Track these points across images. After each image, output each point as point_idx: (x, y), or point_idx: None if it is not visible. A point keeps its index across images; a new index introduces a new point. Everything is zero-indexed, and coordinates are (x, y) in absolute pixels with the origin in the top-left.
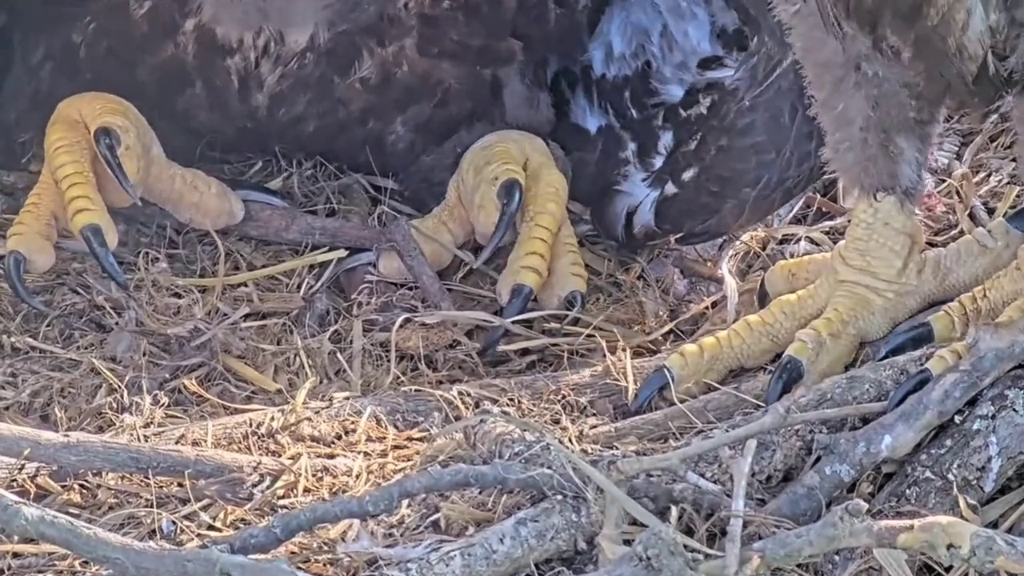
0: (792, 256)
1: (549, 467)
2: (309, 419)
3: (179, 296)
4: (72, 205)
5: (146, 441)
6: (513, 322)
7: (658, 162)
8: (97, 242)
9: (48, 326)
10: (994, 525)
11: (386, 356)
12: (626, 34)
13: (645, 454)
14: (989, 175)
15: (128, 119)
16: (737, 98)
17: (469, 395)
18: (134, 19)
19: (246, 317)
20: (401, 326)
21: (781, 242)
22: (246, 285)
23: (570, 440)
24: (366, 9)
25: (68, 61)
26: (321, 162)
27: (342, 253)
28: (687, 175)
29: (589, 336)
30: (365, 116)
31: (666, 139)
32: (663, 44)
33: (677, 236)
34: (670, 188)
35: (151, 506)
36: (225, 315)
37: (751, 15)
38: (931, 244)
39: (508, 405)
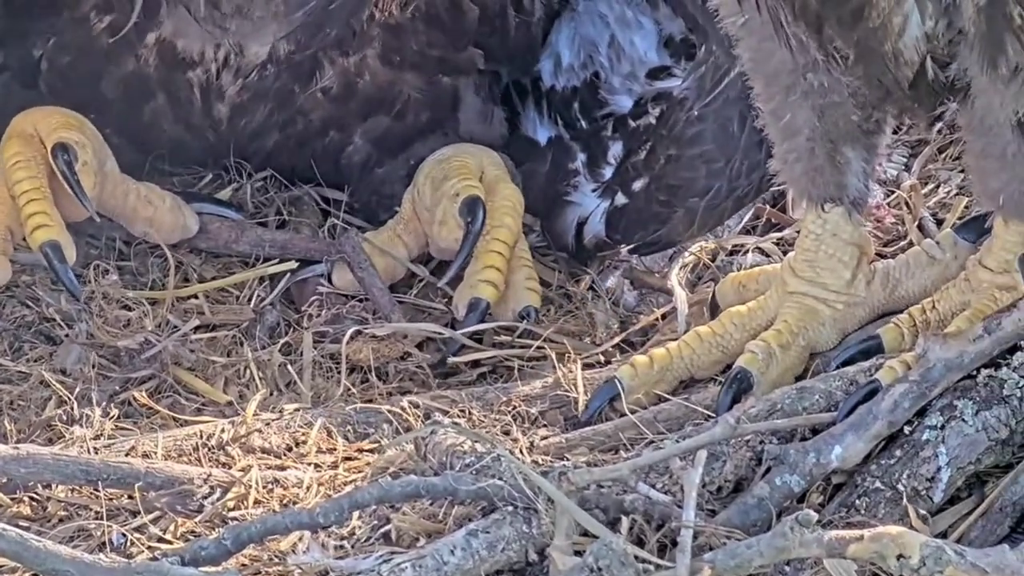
0: (741, 267)
1: (500, 478)
2: (259, 431)
3: (129, 308)
4: (31, 221)
5: (96, 453)
6: (463, 334)
7: (608, 172)
8: (56, 258)
9: None
10: (944, 535)
11: (336, 368)
12: (574, 45)
13: (596, 465)
14: (938, 186)
15: (84, 134)
16: (686, 108)
17: (419, 407)
18: (95, 33)
19: (196, 329)
20: (352, 338)
21: (731, 253)
22: (196, 297)
23: (521, 451)
24: (328, 33)
25: (27, 72)
26: (271, 174)
27: (293, 265)
28: (637, 185)
29: (539, 348)
30: (325, 127)
31: (615, 149)
32: (611, 55)
33: (628, 247)
34: (620, 198)
35: (101, 518)
36: (175, 327)
37: (699, 24)
38: (880, 255)
39: (459, 416)
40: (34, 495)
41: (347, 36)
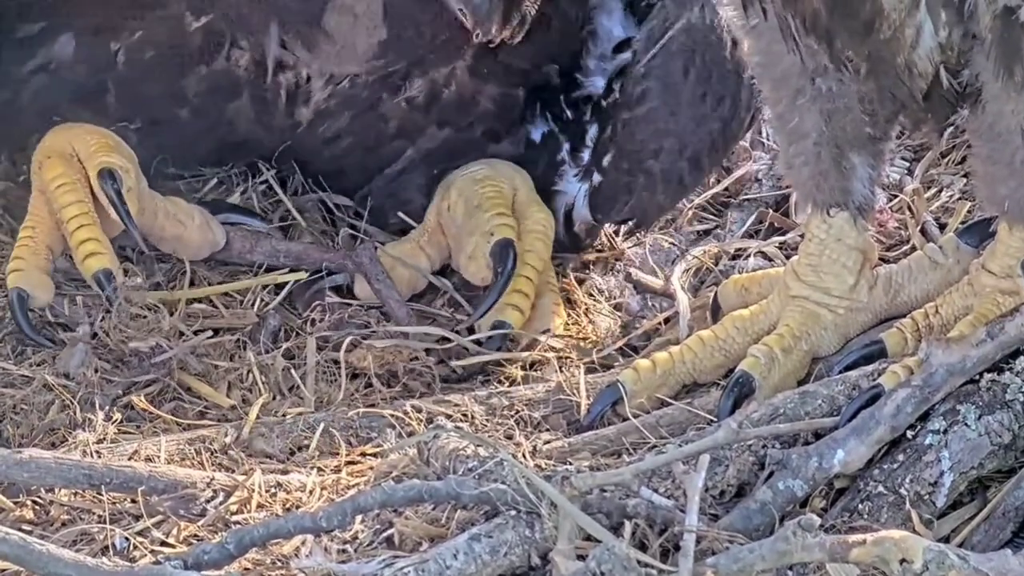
0: (744, 271)
1: (503, 482)
2: (263, 435)
3: (141, 314)
4: (83, 248)
5: (99, 457)
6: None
7: (586, 155)
8: (110, 286)
9: (0, 342)
10: (946, 540)
11: (339, 373)
12: None
13: (598, 469)
14: (940, 191)
15: (123, 155)
16: (634, 64)
17: (422, 411)
18: (188, 31)
19: (196, 333)
20: (356, 343)
21: (733, 257)
22: (201, 301)
23: (524, 456)
24: (420, 51)
25: (97, 65)
26: (275, 177)
27: (302, 275)
28: (606, 160)
29: (542, 352)
30: (398, 135)
31: (592, 132)
32: (586, 36)
33: (611, 225)
34: (596, 177)
35: (104, 522)
36: (180, 332)
37: None
38: (883, 260)
39: (462, 421)
40: (37, 499)
41: (440, 52)
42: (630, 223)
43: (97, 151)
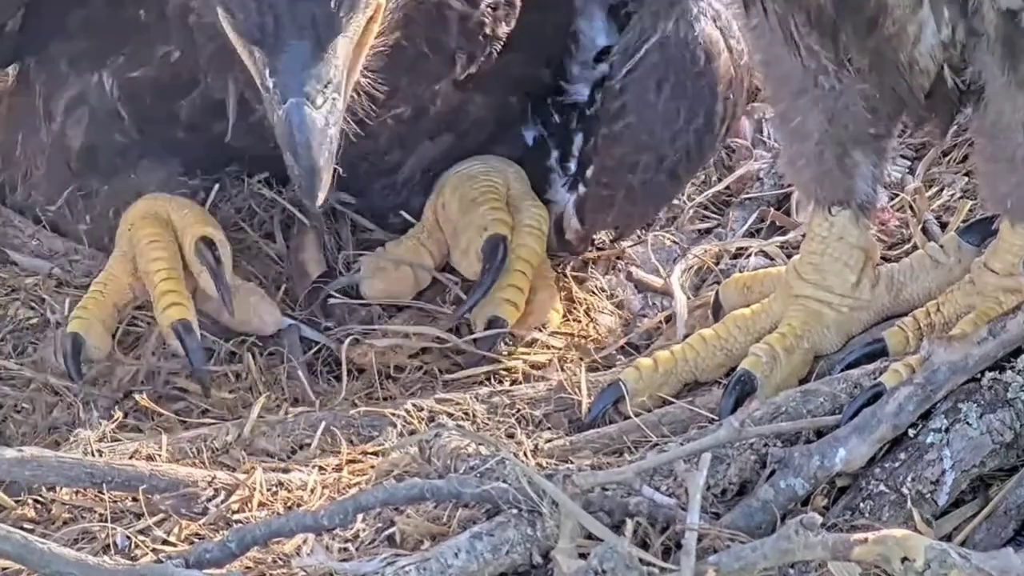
0: (745, 270)
1: (504, 481)
2: (264, 434)
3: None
4: (164, 298)
5: (100, 456)
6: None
7: (573, 166)
8: (187, 335)
9: (2, 340)
10: (948, 538)
11: (341, 371)
12: None
13: (600, 468)
14: (942, 189)
15: (218, 231)
16: (613, 79)
17: (423, 410)
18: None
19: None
20: (356, 342)
21: (735, 256)
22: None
23: (525, 454)
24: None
25: (103, 104)
26: (274, 176)
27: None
28: (589, 172)
29: (544, 350)
30: (390, 147)
31: (578, 141)
32: (571, 44)
33: (597, 235)
34: (581, 188)
35: (105, 521)
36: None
37: None
38: (885, 258)
39: (463, 419)
40: (38, 497)
41: (419, 80)
42: (614, 231)
43: (195, 222)
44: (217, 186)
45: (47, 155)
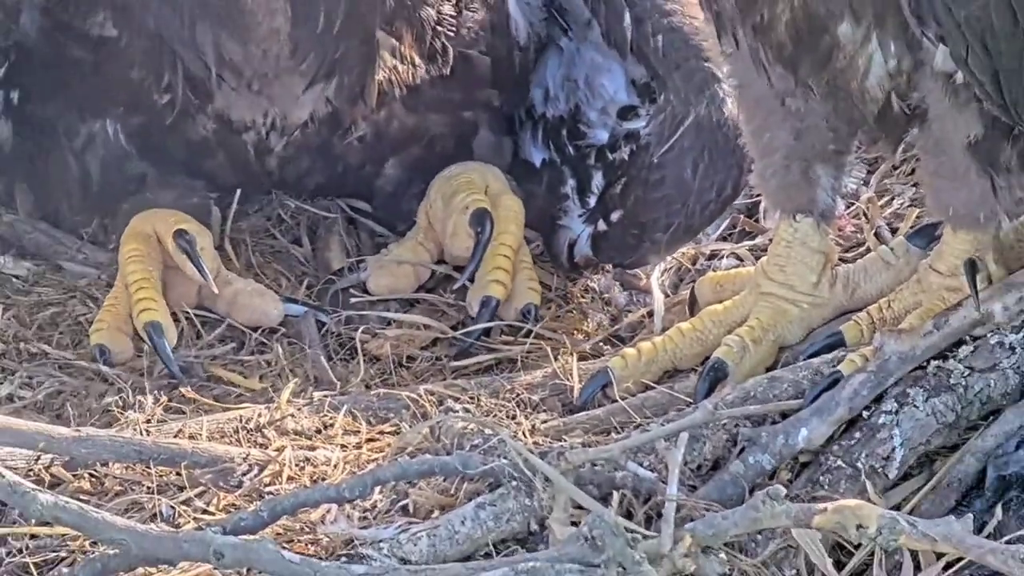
0: (719, 270)
1: (505, 458)
2: (292, 415)
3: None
4: (138, 305)
5: (148, 435)
6: (474, 331)
7: (592, 201)
8: (156, 336)
9: (61, 334)
10: (898, 508)
11: (355, 356)
12: (558, 79)
13: (590, 446)
14: (893, 199)
15: (192, 223)
16: (649, 153)
17: (434, 394)
18: (158, 107)
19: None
20: (374, 333)
21: (710, 257)
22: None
23: (524, 433)
24: (355, 97)
25: (111, 146)
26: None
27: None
28: (614, 216)
29: (540, 342)
30: (362, 164)
31: (598, 179)
32: (587, 91)
33: (611, 265)
34: (601, 225)
35: (152, 493)
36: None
37: (658, 74)
38: (842, 260)
39: (469, 403)
40: (93, 472)
41: (371, 99)
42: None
43: (174, 224)
44: (238, 196)
45: (78, 184)
